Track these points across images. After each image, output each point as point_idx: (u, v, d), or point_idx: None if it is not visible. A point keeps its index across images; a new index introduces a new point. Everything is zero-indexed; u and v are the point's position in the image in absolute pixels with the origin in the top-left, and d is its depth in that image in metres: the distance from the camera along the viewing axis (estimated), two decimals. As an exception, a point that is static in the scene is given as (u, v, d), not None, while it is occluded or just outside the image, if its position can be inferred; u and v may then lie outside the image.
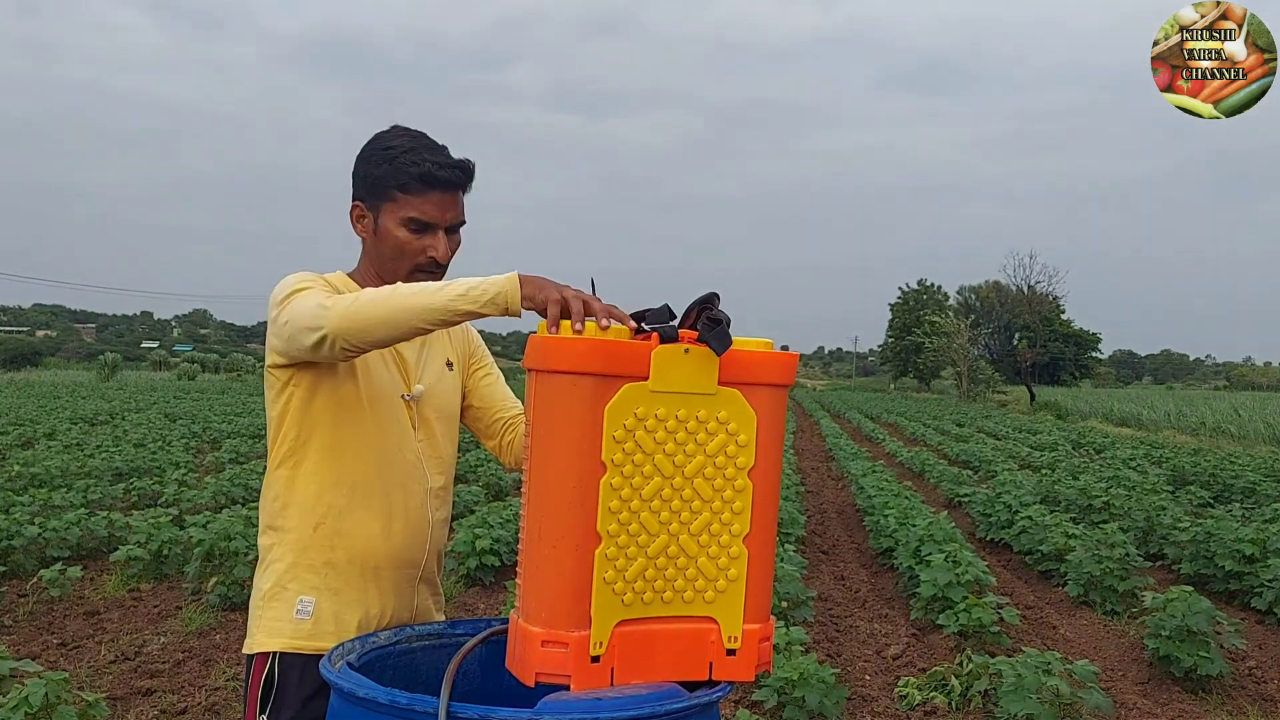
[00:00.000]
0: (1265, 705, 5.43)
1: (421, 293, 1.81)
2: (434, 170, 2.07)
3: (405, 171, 2.07)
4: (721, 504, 1.76)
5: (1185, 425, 32.36)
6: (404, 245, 2.10)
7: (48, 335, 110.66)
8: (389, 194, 2.09)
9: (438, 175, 2.07)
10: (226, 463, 14.46)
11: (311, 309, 1.89)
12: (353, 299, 1.86)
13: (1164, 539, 9.02)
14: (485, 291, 1.78)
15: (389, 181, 2.08)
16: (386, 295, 1.83)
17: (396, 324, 1.82)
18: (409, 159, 2.07)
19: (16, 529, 7.47)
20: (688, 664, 1.76)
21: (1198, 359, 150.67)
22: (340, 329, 1.85)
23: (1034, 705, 4.38)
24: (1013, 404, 49.57)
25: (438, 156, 2.08)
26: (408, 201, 2.08)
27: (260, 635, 2.08)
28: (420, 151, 2.08)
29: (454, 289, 1.80)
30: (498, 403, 2.38)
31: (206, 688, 5.16)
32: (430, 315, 1.80)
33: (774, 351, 1.78)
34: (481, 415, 2.38)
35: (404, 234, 2.09)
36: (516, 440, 2.35)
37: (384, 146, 2.10)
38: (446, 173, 2.08)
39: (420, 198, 2.08)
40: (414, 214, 2.08)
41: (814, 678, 4.58)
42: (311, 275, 2.07)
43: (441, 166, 2.07)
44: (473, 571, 7.44)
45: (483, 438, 2.40)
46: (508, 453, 2.36)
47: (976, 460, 16.91)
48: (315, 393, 2.07)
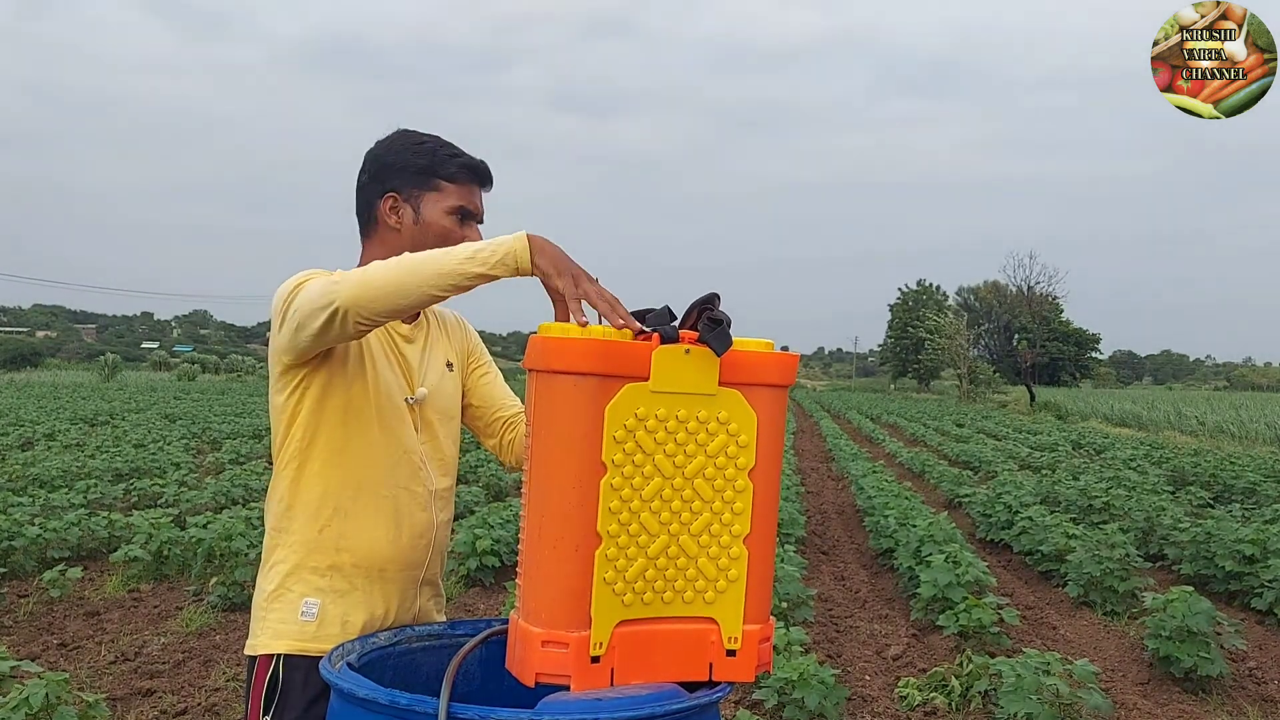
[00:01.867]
0: (1266, 706, 5.43)
1: (430, 259, 1.80)
2: (476, 164, 2.17)
3: (452, 162, 2.15)
4: (722, 504, 1.76)
5: (1185, 426, 32.34)
6: (449, 233, 2.13)
7: (48, 336, 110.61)
8: (432, 184, 2.14)
9: (480, 169, 2.18)
10: (227, 463, 14.47)
11: (321, 287, 1.86)
12: (361, 272, 1.84)
13: (1164, 539, 9.01)
14: (494, 252, 1.76)
15: (434, 171, 2.14)
16: (395, 264, 1.82)
17: (407, 291, 1.79)
18: (448, 151, 2.16)
19: (17, 529, 7.47)
20: (688, 664, 1.76)
21: (1198, 359, 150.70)
22: (352, 299, 1.81)
23: (1034, 706, 4.38)
24: (1013, 404, 49.55)
25: (472, 158, 2.19)
26: (454, 191, 2.15)
27: (264, 637, 2.07)
28: (453, 147, 2.18)
29: (461, 251, 1.78)
30: (497, 401, 2.38)
31: (207, 688, 5.16)
32: (441, 281, 1.78)
33: (774, 352, 1.78)
34: (481, 414, 2.37)
35: (449, 222, 2.14)
36: (516, 439, 2.34)
37: (417, 141, 2.17)
38: (486, 169, 2.19)
39: (465, 188, 2.16)
40: (461, 203, 2.15)
41: (814, 678, 4.58)
42: (316, 270, 2.06)
43: (481, 164, 2.19)
44: (473, 572, 7.44)
45: (482, 437, 2.40)
46: (507, 452, 2.36)
47: (976, 461, 16.91)
48: (326, 394, 2.06)
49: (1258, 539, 7.67)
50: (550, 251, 1.77)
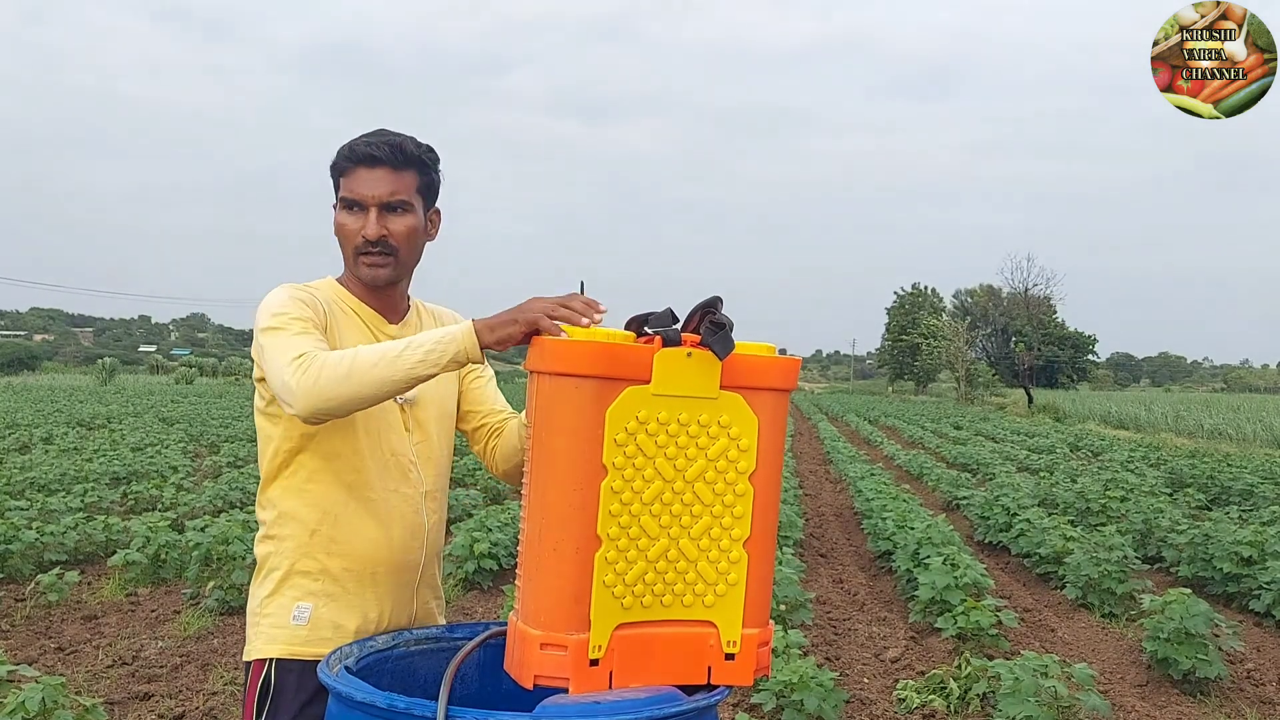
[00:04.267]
0: (1264, 707, 5.42)
1: (381, 363, 1.83)
2: (358, 146, 2.08)
3: (339, 155, 2.11)
4: (722, 508, 1.75)
5: (1183, 428, 32.38)
6: (341, 228, 2.12)
7: (45, 339, 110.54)
8: (338, 184, 2.13)
9: (359, 150, 2.07)
10: (224, 467, 14.44)
11: (280, 384, 1.89)
12: (314, 378, 1.83)
13: (1162, 541, 9.02)
14: (445, 352, 1.82)
15: (333, 172, 2.13)
16: (346, 370, 1.83)
17: (363, 398, 1.85)
18: (347, 145, 2.10)
19: (14, 533, 7.45)
20: (686, 668, 1.76)
21: (1195, 361, 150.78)
22: (310, 409, 1.86)
23: (1032, 708, 4.37)
24: (1011, 407, 49.59)
25: (371, 137, 2.09)
26: (342, 184, 2.11)
27: (258, 642, 2.08)
28: (359, 138, 2.10)
29: (412, 356, 1.82)
30: (485, 406, 2.33)
31: (204, 692, 5.14)
32: (395, 387, 1.84)
33: (776, 356, 1.78)
34: (469, 418, 2.33)
35: (341, 216, 2.12)
36: (499, 448, 2.29)
37: (342, 146, 2.13)
38: (369, 148, 2.07)
39: (350, 177, 2.10)
40: (345, 193, 2.10)
41: (812, 681, 4.57)
42: (289, 299, 2.03)
43: (367, 144, 2.08)
44: (470, 575, 7.42)
45: (470, 441, 2.36)
46: (490, 459, 2.32)
47: (975, 463, 16.91)
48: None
49: (1255, 541, 7.68)
50: (498, 329, 1.81)
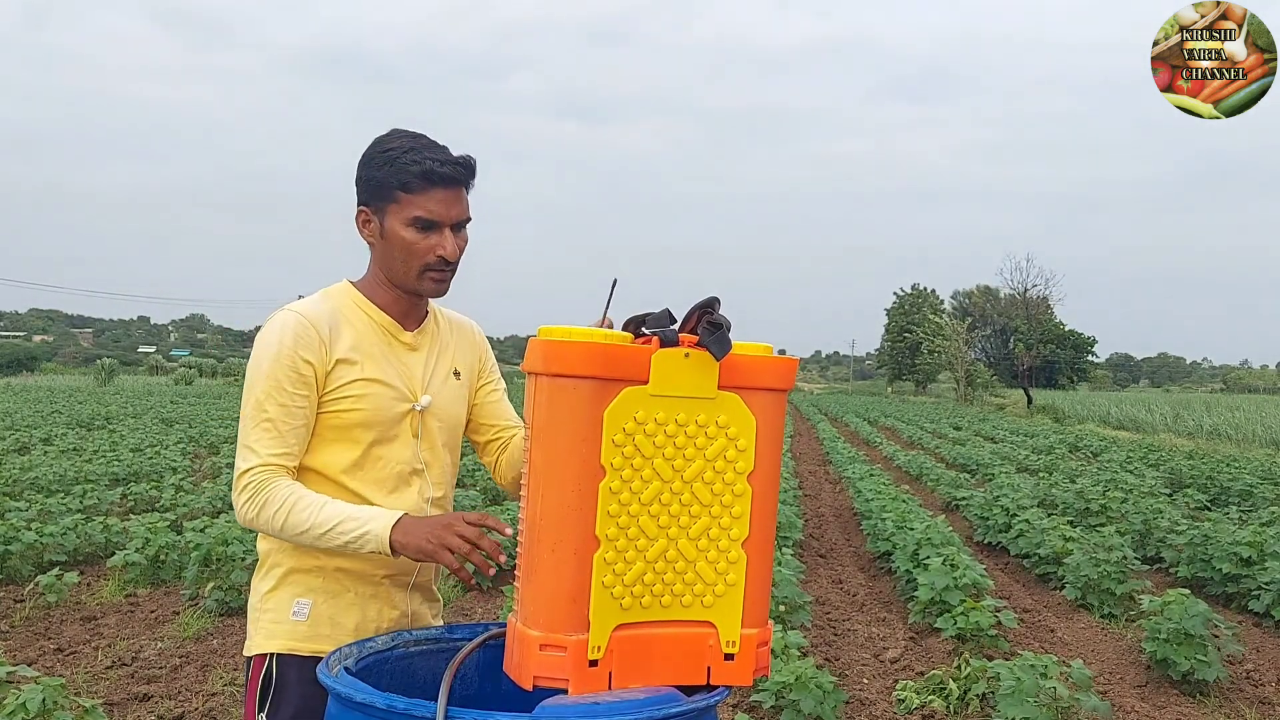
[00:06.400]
0: (1263, 708, 5.42)
1: (308, 533, 1.99)
2: (435, 167, 2.04)
3: (407, 171, 2.04)
4: (720, 508, 1.75)
5: (1182, 428, 32.36)
6: (412, 246, 2.07)
7: (45, 340, 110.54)
8: (392, 195, 2.06)
9: (439, 172, 2.05)
10: (224, 467, 14.42)
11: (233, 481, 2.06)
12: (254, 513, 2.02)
13: (1161, 542, 9.02)
14: (362, 545, 1.97)
15: (391, 183, 2.06)
16: (280, 524, 2.00)
17: (302, 544, 2.04)
18: (409, 158, 2.04)
19: (13, 534, 7.45)
20: (685, 668, 1.76)
21: (1194, 362, 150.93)
22: (256, 526, 2.05)
23: (1032, 709, 4.38)
24: (1010, 407, 49.58)
25: (437, 154, 2.06)
26: (411, 201, 2.05)
27: (259, 637, 2.11)
28: (420, 150, 2.06)
29: (335, 539, 1.98)
30: (498, 420, 2.36)
31: (204, 693, 5.14)
32: (328, 547, 2.01)
33: (774, 357, 1.78)
34: (482, 430, 2.36)
35: (411, 234, 2.07)
36: (504, 461, 2.34)
37: (384, 149, 2.08)
38: (448, 169, 2.06)
39: (424, 196, 2.05)
40: (419, 213, 2.06)
41: (812, 681, 4.57)
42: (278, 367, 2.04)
43: (442, 163, 2.05)
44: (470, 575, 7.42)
45: (479, 452, 2.40)
46: (497, 470, 2.37)
47: (974, 463, 16.91)
48: (317, 421, 2.09)
49: (1254, 541, 7.68)
50: (409, 547, 1.96)
